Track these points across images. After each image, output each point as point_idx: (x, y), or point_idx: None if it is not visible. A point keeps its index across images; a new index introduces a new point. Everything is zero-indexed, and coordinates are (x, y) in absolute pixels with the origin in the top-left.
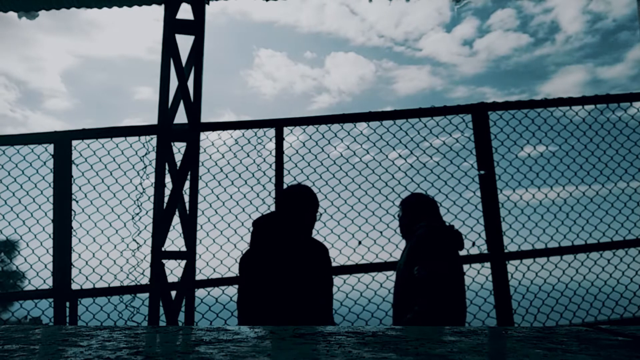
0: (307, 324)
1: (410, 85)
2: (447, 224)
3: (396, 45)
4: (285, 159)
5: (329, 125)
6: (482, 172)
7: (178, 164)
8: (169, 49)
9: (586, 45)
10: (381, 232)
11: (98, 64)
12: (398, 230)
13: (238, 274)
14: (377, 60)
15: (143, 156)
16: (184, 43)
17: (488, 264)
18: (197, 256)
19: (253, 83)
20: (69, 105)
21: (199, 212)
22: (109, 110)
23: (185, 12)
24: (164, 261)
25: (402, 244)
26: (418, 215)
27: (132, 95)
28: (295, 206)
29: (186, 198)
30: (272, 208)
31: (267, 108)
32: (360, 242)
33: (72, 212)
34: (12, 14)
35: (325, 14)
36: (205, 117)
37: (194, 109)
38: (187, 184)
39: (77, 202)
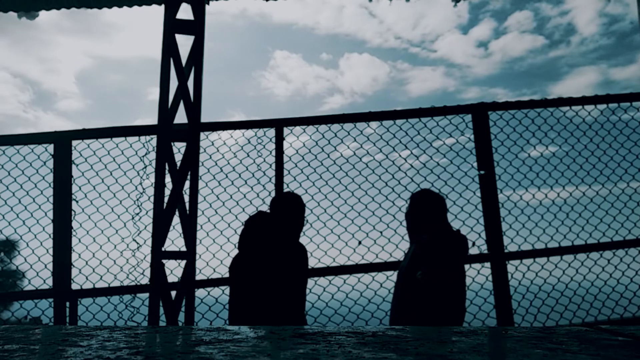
0: (281, 324)
1: (423, 86)
2: (454, 228)
3: (412, 46)
4: (285, 159)
5: (329, 125)
6: (482, 172)
7: (178, 164)
8: (169, 49)
9: (601, 47)
10: (381, 232)
11: (113, 65)
12: (398, 230)
13: (229, 276)
14: (391, 61)
15: (143, 156)
16: (185, 43)
17: (488, 264)
18: (197, 256)
19: (266, 84)
20: (81, 106)
21: (199, 212)
22: (120, 111)
23: (185, 12)
24: (164, 261)
25: (403, 244)
26: (423, 212)
27: (145, 96)
28: (291, 211)
29: (186, 198)
30: None
31: (279, 109)
32: (360, 242)
33: (72, 212)
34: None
35: (344, 16)
36: (216, 118)
37: (194, 109)
38: (187, 184)
39: (77, 202)
